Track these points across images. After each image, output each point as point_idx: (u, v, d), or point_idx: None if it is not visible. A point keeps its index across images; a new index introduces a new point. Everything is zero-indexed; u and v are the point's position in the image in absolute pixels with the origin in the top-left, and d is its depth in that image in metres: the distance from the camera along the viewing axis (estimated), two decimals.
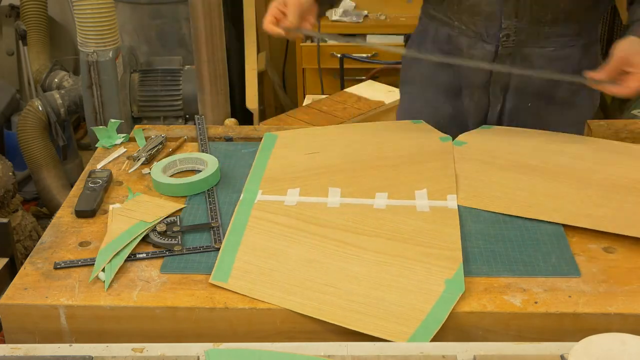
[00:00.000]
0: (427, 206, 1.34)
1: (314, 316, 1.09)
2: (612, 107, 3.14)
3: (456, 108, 1.70)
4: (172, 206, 1.35)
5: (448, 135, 1.58)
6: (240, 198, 1.39)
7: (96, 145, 1.61)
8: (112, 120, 1.63)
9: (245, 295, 1.13)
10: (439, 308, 1.09)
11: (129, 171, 1.49)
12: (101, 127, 1.62)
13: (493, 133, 1.59)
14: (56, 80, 3.15)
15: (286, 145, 1.57)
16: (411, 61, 1.79)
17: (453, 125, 1.65)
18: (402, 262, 1.19)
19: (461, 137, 1.57)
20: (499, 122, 1.68)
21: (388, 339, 1.04)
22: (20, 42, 3.42)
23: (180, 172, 1.49)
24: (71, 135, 3.26)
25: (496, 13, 1.57)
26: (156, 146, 1.54)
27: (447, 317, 1.07)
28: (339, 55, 3.38)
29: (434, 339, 1.04)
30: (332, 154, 1.52)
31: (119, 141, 1.61)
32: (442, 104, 1.71)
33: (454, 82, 1.69)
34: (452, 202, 1.35)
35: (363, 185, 1.40)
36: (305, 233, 1.27)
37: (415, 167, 1.46)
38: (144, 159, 1.50)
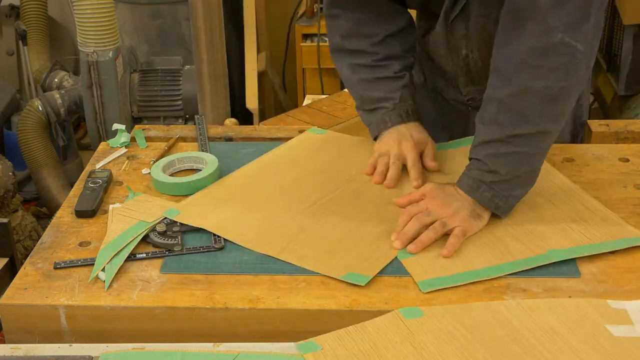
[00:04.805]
0: None
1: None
2: (612, 107, 3.13)
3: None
4: (172, 206, 1.35)
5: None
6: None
7: (110, 144, 1.60)
8: (118, 126, 1.63)
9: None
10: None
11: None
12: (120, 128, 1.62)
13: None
14: (56, 80, 3.15)
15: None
16: None
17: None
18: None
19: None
20: None
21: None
22: (20, 42, 3.42)
23: (180, 171, 1.49)
24: (71, 135, 3.26)
25: (455, 79, 1.51)
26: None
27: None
28: None
29: None
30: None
31: (125, 139, 1.61)
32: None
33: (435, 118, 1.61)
34: None
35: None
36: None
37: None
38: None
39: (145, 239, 1.27)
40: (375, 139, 1.49)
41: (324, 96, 2.75)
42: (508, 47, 1.23)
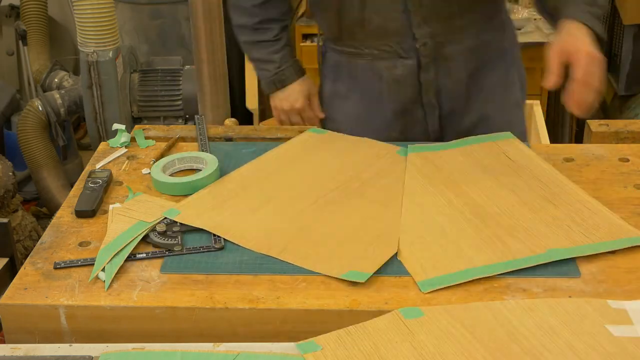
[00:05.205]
0: None
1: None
2: (612, 107, 3.13)
3: (396, 133, 1.69)
4: (172, 206, 1.35)
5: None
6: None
7: (110, 144, 1.60)
8: (118, 126, 1.62)
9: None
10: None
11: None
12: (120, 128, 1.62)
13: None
14: (56, 80, 3.15)
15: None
16: (333, 99, 1.79)
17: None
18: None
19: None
20: (441, 126, 1.69)
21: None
22: (20, 42, 3.42)
23: (180, 171, 1.49)
24: (71, 135, 3.26)
25: (405, 27, 1.55)
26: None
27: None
28: None
29: None
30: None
31: (125, 139, 1.60)
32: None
33: (384, 118, 1.69)
34: None
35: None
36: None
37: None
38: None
39: (145, 239, 1.27)
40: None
41: None
42: None
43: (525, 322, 1.03)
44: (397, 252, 1.22)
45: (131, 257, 1.22)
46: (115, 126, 1.62)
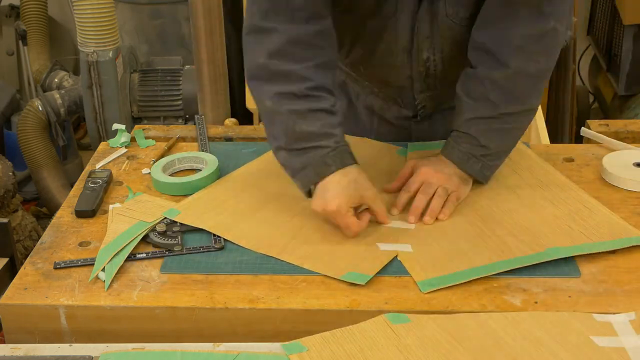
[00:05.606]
0: None
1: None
2: (612, 107, 3.13)
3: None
4: (172, 206, 1.35)
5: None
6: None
7: (110, 144, 1.60)
8: (118, 126, 1.62)
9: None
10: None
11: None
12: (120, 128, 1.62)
13: None
14: (56, 80, 3.15)
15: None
16: None
17: None
18: None
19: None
20: None
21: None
22: (20, 42, 3.42)
23: (180, 171, 1.49)
24: (71, 135, 3.26)
25: (407, 89, 1.47)
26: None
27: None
28: None
29: None
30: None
31: (125, 139, 1.60)
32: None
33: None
34: None
35: None
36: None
37: None
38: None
39: (145, 239, 1.27)
40: (308, 192, 1.26)
41: None
42: (501, 31, 1.28)
43: (510, 333, 1.03)
44: (397, 253, 1.22)
45: (131, 257, 1.22)
46: (115, 126, 1.63)
